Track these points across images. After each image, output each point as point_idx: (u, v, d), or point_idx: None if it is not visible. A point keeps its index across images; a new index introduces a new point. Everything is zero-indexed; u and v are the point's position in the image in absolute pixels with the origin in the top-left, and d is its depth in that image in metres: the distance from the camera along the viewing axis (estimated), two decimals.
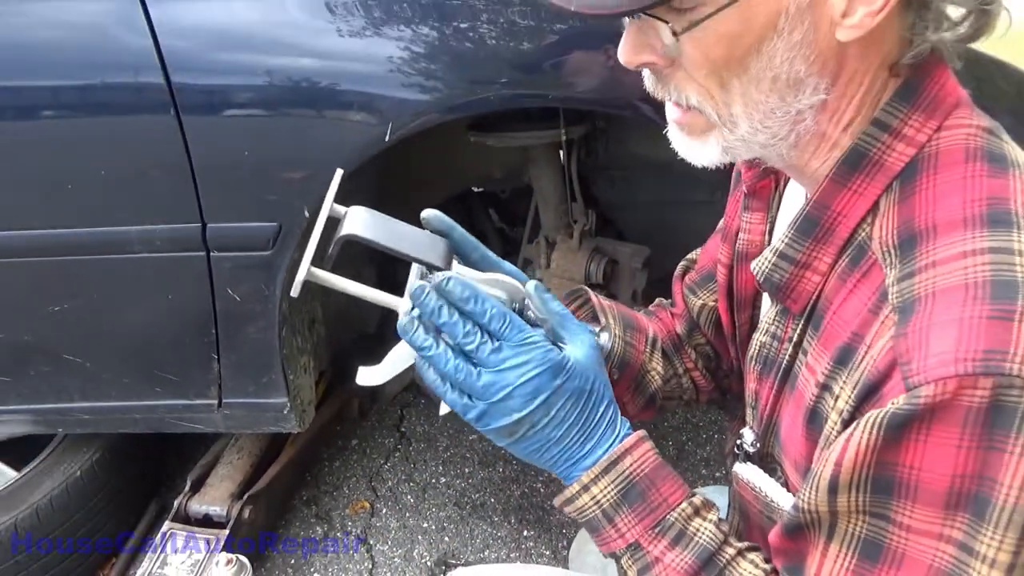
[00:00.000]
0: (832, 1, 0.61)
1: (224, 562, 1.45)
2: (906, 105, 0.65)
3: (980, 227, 0.58)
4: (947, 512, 0.56)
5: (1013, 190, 0.60)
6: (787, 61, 0.62)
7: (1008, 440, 0.53)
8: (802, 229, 0.69)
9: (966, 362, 0.52)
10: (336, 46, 1.15)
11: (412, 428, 2.16)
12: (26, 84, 1.20)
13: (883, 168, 0.65)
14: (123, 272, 1.31)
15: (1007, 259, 0.55)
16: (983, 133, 0.65)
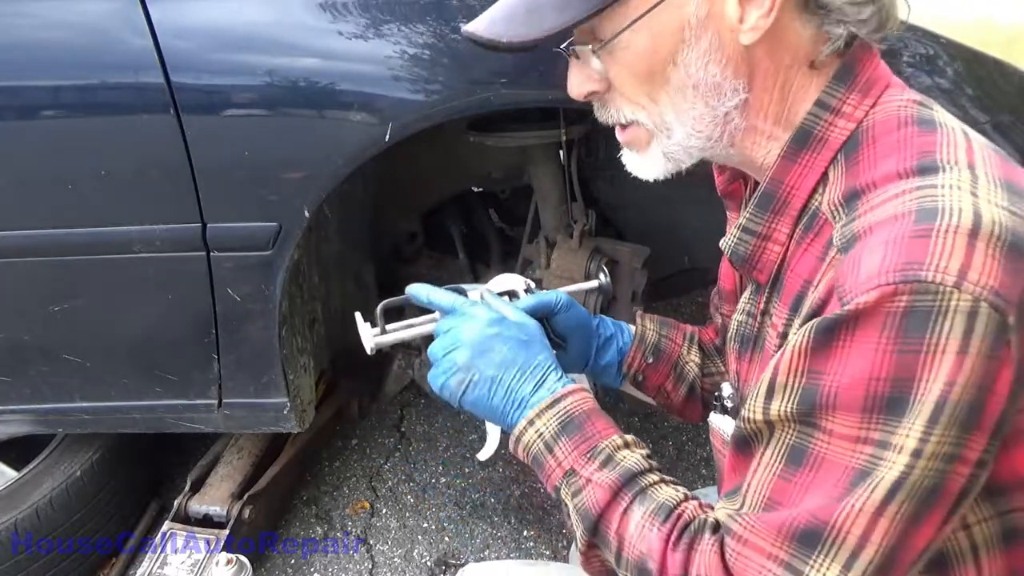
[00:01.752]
0: (726, 11, 0.69)
1: (224, 562, 1.45)
2: (843, 87, 0.72)
3: (911, 175, 0.64)
4: (864, 415, 0.60)
5: (939, 144, 0.66)
6: (701, 68, 0.71)
7: (922, 341, 0.58)
8: (760, 204, 0.76)
9: (888, 273, 0.58)
10: (336, 46, 1.15)
11: (412, 428, 2.16)
12: (26, 84, 1.20)
13: (827, 143, 0.72)
14: (123, 272, 1.31)
15: (931, 192, 0.61)
16: (913, 104, 0.71)
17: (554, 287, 1.56)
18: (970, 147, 0.66)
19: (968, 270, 0.57)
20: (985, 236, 0.58)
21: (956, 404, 0.58)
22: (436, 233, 1.94)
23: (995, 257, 0.58)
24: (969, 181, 0.62)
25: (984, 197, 0.60)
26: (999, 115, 1.18)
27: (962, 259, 0.57)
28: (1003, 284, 0.57)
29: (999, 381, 0.58)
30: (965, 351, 0.57)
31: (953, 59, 1.17)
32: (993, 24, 1.27)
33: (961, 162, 0.63)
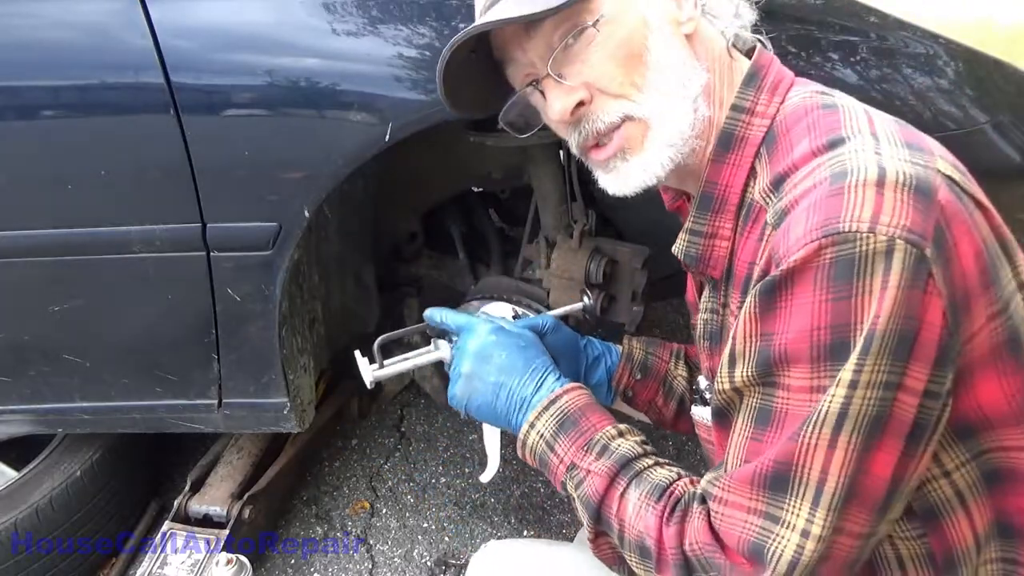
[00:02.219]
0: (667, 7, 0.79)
1: (224, 562, 1.45)
2: (752, 90, 0.80)
3: (824, 150, 0.70)
4: (814, 365, 0.65)
5: (842, 120, 0.72)
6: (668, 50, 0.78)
7: (850, 286, 0.63)
8: (702, 206, 0.82)
9: (811, 232, 0.64)
10: (336, 46, 1.15)
11: (412, 428, 2.16)
12: (26, 84, 1.20)
13: (748, 141, 0.79)
14: (123, 272, 1.31)
15: (840, 158, 0.67)
16: (816, 94, 0.78)
17: (554, 287, 1.56)
18: (871, 120, 0.72)
19: (880, 214, 0.62)
20: (891, 184, 0.63)
21: (884, 334, 0.62)
22: (436, 233, 1.94)
23: (903, 200, 0.63)
24: (872, 145, 0.68)
25: (887, 154, 0.66)
26: (999, 115, 1.18)
27: (873, 206, 0.63)
28: (915, 222, 0.62)
29: (928, 311, 0.63)
30: (886, 286, 0.62)
31: (953, 59, 1.17)
32: (993, 24, 1.27)
33: (864, 131, 0.70)
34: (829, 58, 1.14)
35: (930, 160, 0.67)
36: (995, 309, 0.66)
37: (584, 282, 1.53)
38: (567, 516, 1.89)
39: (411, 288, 2.03)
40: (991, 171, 1.21)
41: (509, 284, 1.65)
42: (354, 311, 1.78)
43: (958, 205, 0.65)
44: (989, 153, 1.19)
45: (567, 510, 1.91)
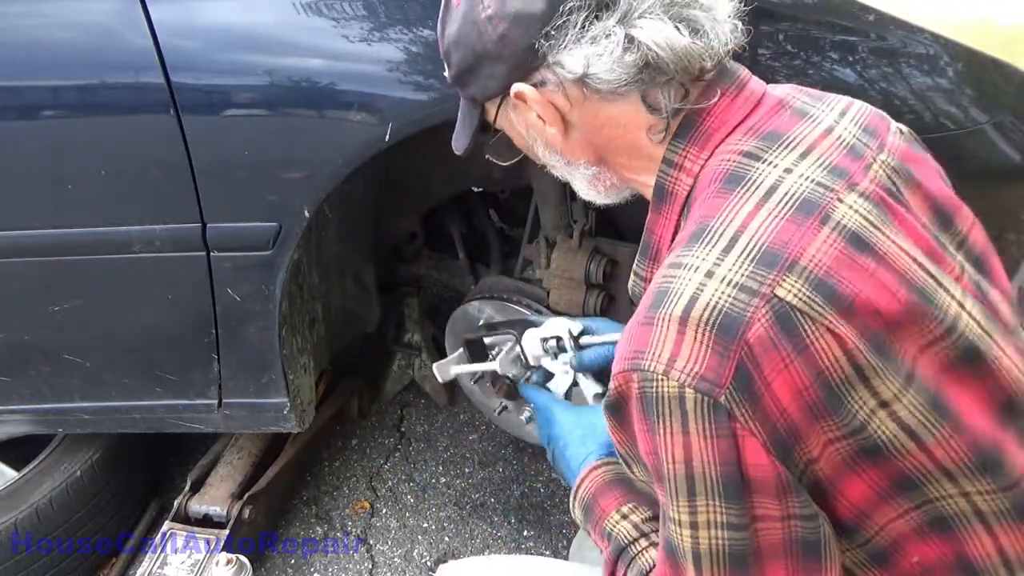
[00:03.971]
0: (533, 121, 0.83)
1: (224, 562, 1.45)
2: (683, 142, 0.78)
3: (683, 243, 0.70)
4: (657, 483, 0.67)
5: (723, 208, 0.70)
6: (549, 156, 0.87)
7: (655, 423, 0.64)
8: (642, 251, 0.85)
9: (624, 360, 0.66)
10: (336, 46, 1.15)
11: (412, 428, 2.16)
12: (26, 84, 1.20)
13: (676, 196, 0.79)
14: (123, 272, 1.31)
15: (672, 272, 0.67)
16: (737, 156, 0.74)
17: (554, 287, 1.56)
18: (757, 209, 0.68)
19: (676, 358, 0.62)
20: (694, 322, 0.62)
21: (704, 479, 0.63)
22: (436, 233, 1.94)
23: (702, 342, 0.62)
24: (713, 259, 0.66)
25: (719, 274, 0.64)
26: (999, 115, 1.18)
27: (672, 347, 0.63)
28: (708, 367, 0.61)
29: (745, 452, 0.62)
30: (686, 432, 0.63)
31: (953, 59, 1.17)
32: (993, 24, 1.27)
33: (726, 232, 0.67)
34: (828, 58, 1.14)
35: (773, 282, 0.63)
36: (837, 434, 0.65)
37: (584, 282, 1.53)
38: (567, 516, 1.89)
39: (411, 288, 2.04)
40: (991, 171, 1.21)
41: (509, 284, 1.65)
42: (354, 311, 1.78)
43: (776, 342, 0.62)
44: (989, 153, 1.19)
45: (567, 510, 1.90)
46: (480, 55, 0.80)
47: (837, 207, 0.68)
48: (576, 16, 0.74)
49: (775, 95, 0.81)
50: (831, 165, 0.72)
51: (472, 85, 0.84)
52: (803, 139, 0.75)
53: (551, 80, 0.78)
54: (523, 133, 0.87)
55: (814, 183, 0.70)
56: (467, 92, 0.87)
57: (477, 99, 0.86)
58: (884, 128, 0.82)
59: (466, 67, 0.83)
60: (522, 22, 0.76)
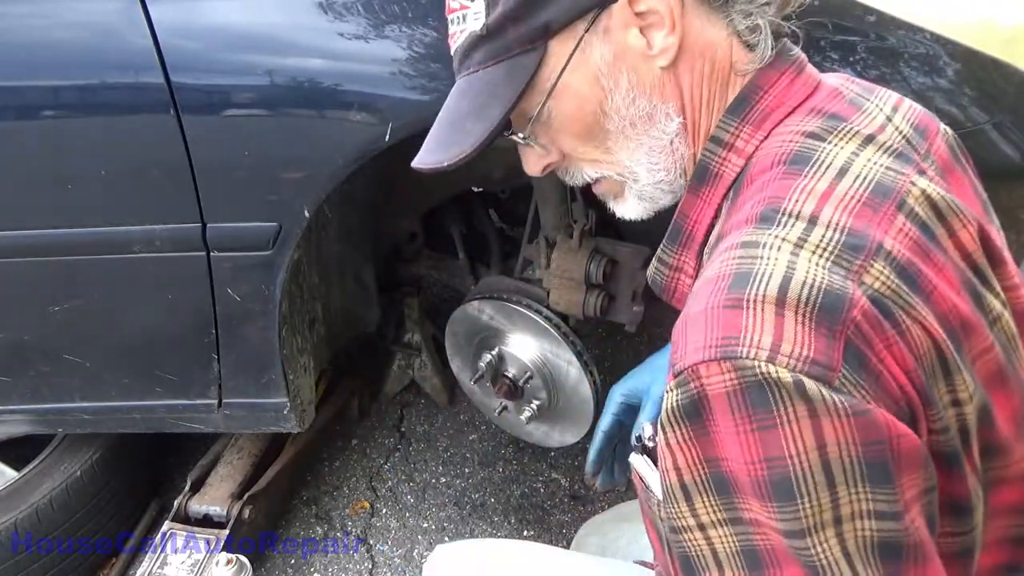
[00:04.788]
0: (631, 43, 0.70)
1: (224, 562, 1.45)
2: (736, 119, 0.71)
3: (751, 224, 0.63)
4: (763, 503, 0.56)
5: (794, 188, 0.63)
6: (631, 105, 0.72)
7: (773, 415, 0.54)
8: (671, 237, 0.77)
9: (711, 349, 0.56)
10: (336, 46, 1.15)
11: (412, 428, 2.16)
12: (26, 84, 1.20)
13: (721, 179, 0.72)
14: (123, 272, 1.31)
15: (752, 252, 0.59)
16: (800, 138, 0.68)
17: (554, 287, 1.56)
18: (831, 189, 0.63)
19: (781, 343, 0.54)
20: (792, 303, 0.55)
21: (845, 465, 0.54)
22: (436, 233, 1.94)
23: (805, 324, 0.55)
24: (798, 235, 0.59)
25: (807, 251, 0.58)
26: (999, 115, 1.18)
27: (773, 332, 0.55)
28: (818, 350, 0.54)
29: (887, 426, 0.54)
30: (814, 415, 0.54)
31: (953, 59, 1.17)
32: (993, 24, 1.27)
33: (804, 212, 0.61)
34: (829, 58, 1.14)
35: (861, 267, 0.58)
36: (934, 425, 0.59)
37: (584, 282, 1.53)
38: (567, 516, 1.89)
39: (411, 288, 2.04)
40: (991, 171, 1.21)
41: (509, 284, 1.65)
42: (354, 311, 1.78)
43: (879, 322, 0.57)
44: (989, 153, 1.19)
45: (567, 510, 1.91)
46: None
47: (911, 191, 0.64)
48: None
49: (830, 83, 0.76)
50: (897, 151, 0.68)
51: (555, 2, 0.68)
52: (864, 127, 0.70)
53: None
54: (601, 73, 0.71)
55: (884, 167, 0.65)
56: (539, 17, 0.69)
57: (555, 24, 0.69)
58: (934, 129, 0.78)
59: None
60: None
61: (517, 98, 0.71)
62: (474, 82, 0.74)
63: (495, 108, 0.71)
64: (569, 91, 0.72)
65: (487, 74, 0.73)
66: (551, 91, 0.71)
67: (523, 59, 0.71)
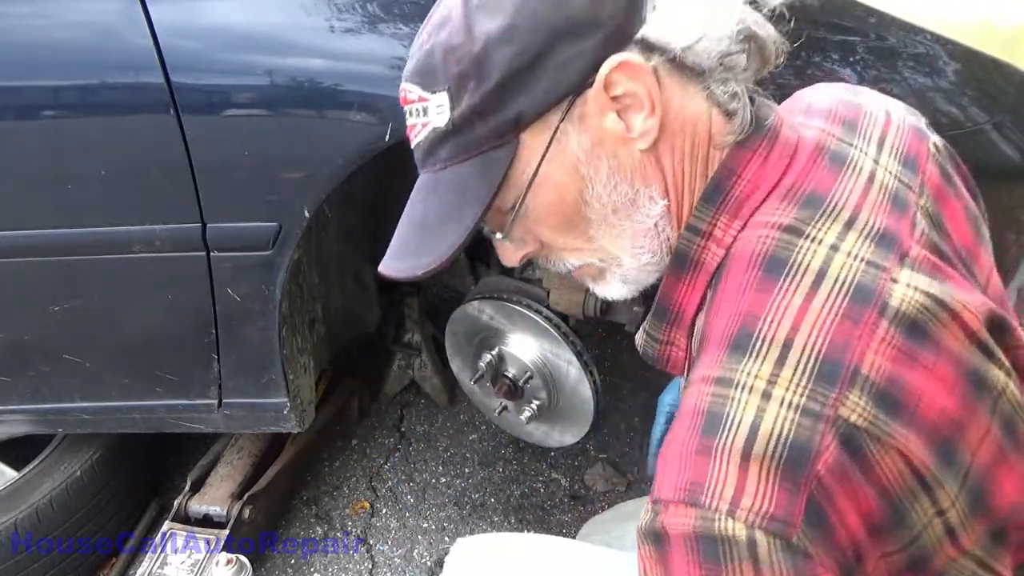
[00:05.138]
0: (609, 128, 0.67)
1: (224, 562, 1.45)
2: (711, 208, 0.69)
3: (724, 349, 0.61)
4: None
5: (769, 306, 0.61)
6: (612, 192, 0.69)
7: (720, 566, 0.55)
8: (657, 314, 0.75)
9: (679, 491, 0.57)
10: (336, 46, 1.15)
11: (412, 428, 2.16)
12: (26, 84, 1.20)
13: (704, 266, 0.70)
14: (123, 272, 1.31)
15: (724, 391, 0.59)
16: (776, 233, 0.65)
17: (554, 287, 1.56)
18: (807, 304, 0.60)
19: (741, 496, 0.55)
20: (758, 456, 0.56)
21: None
22: None
23: (769, 479, 0.55)
24: (771, 369, 0.58)
25: (777, 395, 0.57)
26: (999, 115, 1.18)
27: (735, 483, 0.56)
28: (779, 504, 0.55)
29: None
30: (759, 574, 0.55)
31: (953, 59, 1.17)
32: (993, 24, 1.27)
33: (778, 337, 0.59)
34: (829, 58, 1.14)
35: (835, 402, 0.57)
36: (894, 548, 0.60)
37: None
38: (567, 516, 1.89)
39: (411, 288, 2.03)
40: (991, 171, 1.21)
41: (509, 284, 1.65)
42: (354, 311, 1.78)
43: (845, 470, 0.56)
44: (989, 153, 1.19)
45: (567, 510, 1.91)
46: (559, 32, 0.63)
47: (893, 291, 0.61)
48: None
49: (810, 138, 0.71)
50: (879, 232, 0.64)
51: (528, 91, 0.65)
52: (846, 201, 0.66)
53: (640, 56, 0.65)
54: (580, 162, 0.68)
55: (865, 263, 0.62)
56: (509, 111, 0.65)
57: (527, 117, 0.66)
58: (924, 153, 0.75)
59: (526, 61, 0.64)
60: None
61: (492, 197, 0.67)
62: (442, 180, 0.70)
63: (469, 209, 0.67)
64: (547, 183, 0.68)
65: (456, 171, 0.69)
66: (528, 185, 0.68)
67: (494, 154, 0.67)
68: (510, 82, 0.64)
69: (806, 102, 0.80)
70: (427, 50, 0.68)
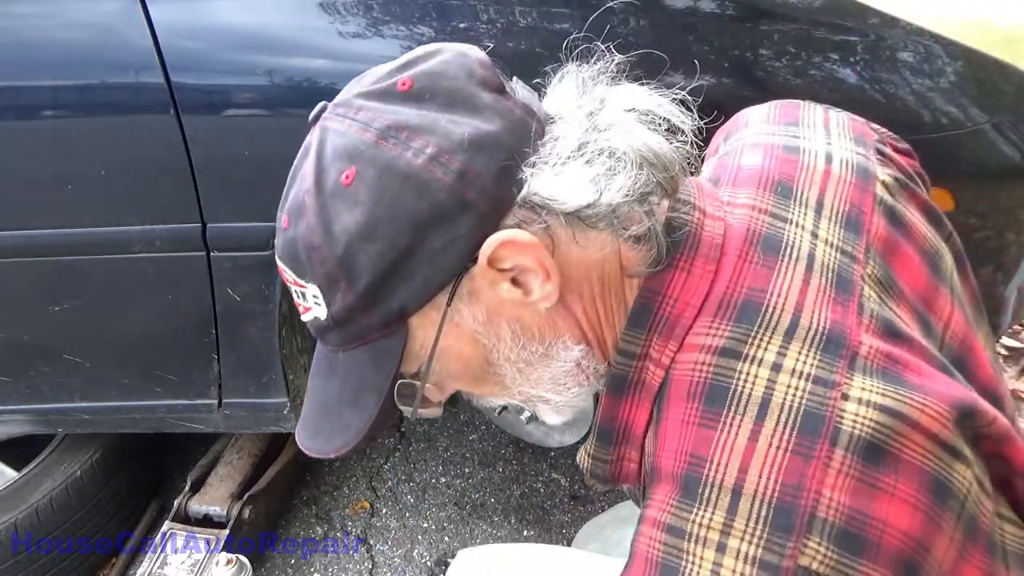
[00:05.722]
0: (505, 297, 0.62)
1: (224, 562, 1.45)
2: (641, 331, 0.64)
3: (674, 492, 0.57)
4: None
5: (715, 446, 0.56)
6: (520, 351, 0.65)
7: None
8: (602, 438, 0.70)
9: None
10: (336, 46, 1.15)
11: (412, 428, 2.16)
12: (26, 84, 1.20)
13: (646, 385, 0.65)
14: (123, 272, 1.31)
15: (677, 544, 0.55)
16: (712, 359, 0.60)
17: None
18: (753, 443, 0.56)
19: None
20: None
21: None
22: None
23: None
24: (723, 519, 0.54)
25: (732, 546, 0.54)
26: (999, 115, 1.18)
27: None
28: None
29: None
30: None
31: (953, 59, 1.17)
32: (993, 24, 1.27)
33: (727, 483, 0.55)
34: (829, 58, 1.14)
35: (794, 551, 0.53)
36: None
37: None
38: (567, 516, 1.89)
39: None
40: (991, 171, 1.21)
41: None
42: None
43: None
44: (989, 153, 1.19)
45: (567, 510, 1.91)
46: (426, 222, 0.58)
47: (844, 414, 0.56)
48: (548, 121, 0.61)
49: (738, 227, 0.66)
50: (824, 336, 0.59)
51: (405, 284, 0.60)
52: (785, 302, 0.61)
53: (529, 221, 0.61)
54: (478, 332, 0.64)
55: (811, 382, 0.57)
56: (389, 305, 0.61)
57: (410, 308, 0.62)
58: (868, 201, 0.70)
59: (395, 258, 0.59)
60: (483, 147, 0.59)
61: (389, 385, 0.64)
62: (339, 363, 0.67)
63: (369, 398, 0.65)
64: (448, 354, 0.65)
65: (349, 356, 0.66)
66: (429, 360, 0.65)
67: (384, 344, 0.64)
68: (383, 280, 0.60)
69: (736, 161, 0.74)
70: (290, 238, 0.63)
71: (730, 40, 1.13)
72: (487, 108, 0.61)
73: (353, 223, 0.59)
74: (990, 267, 1.31)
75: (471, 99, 0.61)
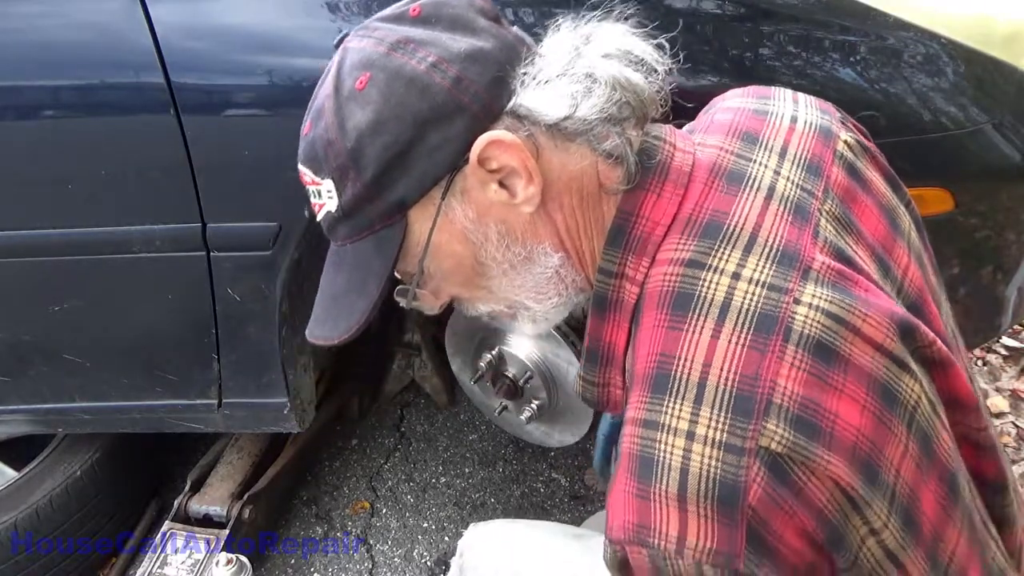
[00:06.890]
0: (493, 198, 0.71)
1: (224, 562, 1.45)
2: (617, 250, 0.71)
3: (646, 390, 0.64)
4: None
5: (681, 345, 0.63)
6: (505, 252, 0.74)
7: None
8: (589, 359, 0.77)
9: (626, 531, 0.61)
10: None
11: (412, 428, 2.16)
12: (26, 84, 1.20)
13: (623, 304, 0.72)
14: (123, 272, 1.31)
15: (651, 434, 0.62)
16: (679, 269, 0.67)
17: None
18: (715, 340, 0.62)
19: (685, 536, 0.59)
20: (692, 499, 0.59)
21: None
22: None
23: (707, 518, 0.59)
24: (690, 412, 0.61)
25: (700, 433, 0.60)
26: (999, 115, 1.18)
27: (678, 526, 0.59)
28: (720, 540, 0.58)
29: None
30: None
31: (953, 59, 1.17)
32: (992, 23, 1.27)
33: (692, 377, 0.62)
34: (829, 58, 1.14)
35: (754, 433, 0.59)
36: (841, 567, 0.62)
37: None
38: (567, 516, 1.89)
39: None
40: (991, 171, 1.21)
41: None
42: None
43: (776, 498, 0.59)
44: (989, 153, 1.19)
45: (567, 510, 1.91)
46: (426, 119, 0.68)
47: (796, 315, 0.62)
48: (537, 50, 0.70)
49: (705, 161, 0.73)
50: (779, 251, 0.66)
51: (406, 176, 0.70)
52: (744, 222, 0.68)
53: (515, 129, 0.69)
54: (468, 230, 0.73)
55: (766, 288, 0.64)
56: (391, 196, 0.71)
57: (409, 199, 0.71)
58: (829, 154, 0.76)
59: (398, 151, 0.69)
60: (477, 60, 0.68)
61: (390, 270, 0.73)
62: (346, 255, 0.77)
63: (372, 283, 0.74)
64: (441, 251, 0.74)
65: (356, 248, 0.75)
66: (424, 255, 0.74)
67: (386, 233, 0.73)
68: (386, 171, 0.69)
69: (710, 117, 0.82)
70: (310, 140, 0.73)
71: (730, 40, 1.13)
72: (483, 31, 0.71)
73: (364, 120, 0.69)
74: (990, 267, 1.31)
75: (470, 23, 0.71)
